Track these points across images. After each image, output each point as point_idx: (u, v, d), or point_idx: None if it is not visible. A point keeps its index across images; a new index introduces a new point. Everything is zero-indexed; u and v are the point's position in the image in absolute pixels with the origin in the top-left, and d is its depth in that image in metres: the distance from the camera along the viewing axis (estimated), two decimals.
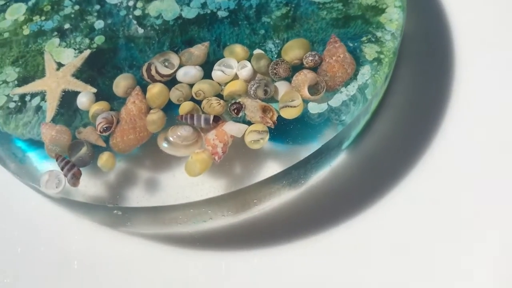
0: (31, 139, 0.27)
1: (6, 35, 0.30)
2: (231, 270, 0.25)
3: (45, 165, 0.26)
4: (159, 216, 0.25)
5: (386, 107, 0.29)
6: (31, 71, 0.29)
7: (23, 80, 0.28)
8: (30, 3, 0.31)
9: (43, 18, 0.30)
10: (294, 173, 0.25)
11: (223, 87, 0.27)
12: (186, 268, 0.25)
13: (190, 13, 0.29)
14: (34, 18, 0.30)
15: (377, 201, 0.26)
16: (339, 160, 0.27)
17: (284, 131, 0.25)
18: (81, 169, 0.25)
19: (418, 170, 0.27)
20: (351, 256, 0.25)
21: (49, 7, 0.31)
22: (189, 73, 0.27)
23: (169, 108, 0.26)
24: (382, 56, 0.27)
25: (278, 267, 0.25)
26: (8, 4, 0.31)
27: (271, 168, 0.25)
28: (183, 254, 0.26)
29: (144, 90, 0.27)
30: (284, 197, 0.27)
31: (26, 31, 0.30)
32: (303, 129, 0.25)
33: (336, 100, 0.26)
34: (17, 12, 0.31)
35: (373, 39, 0.27)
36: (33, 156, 0.27)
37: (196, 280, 0.25)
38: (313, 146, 0.25)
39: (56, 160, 0.25)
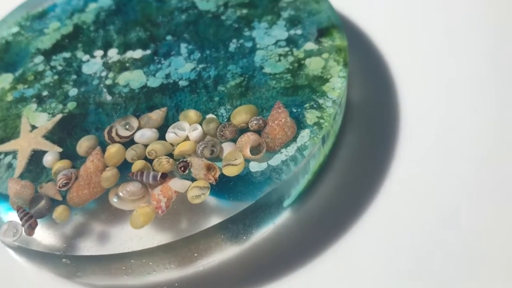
0: (0, 193, 0.29)
1: None
2: None
3: (10, 217, 0.28)
4: (105, 266, 0.27)
5: (330, 171, 0.30)
6: (10, 132, 0.32)
7: (0, 140, 0.31)
8: (17, 74, 0.35)
9: (26, 86, 0.34)
10: (232, 227, 0.27)
11: (175, 147, 0.29)
12: None
13: (154, 82, 0.32)
14: (18, 86, 0.34)
15: (317, 258, 0.27)
16: (283, 218, 0.29)
17: (226, 187, 0.27)
18: (38, 220, 0.27)
19: (359, 229, 0.28)
20: None
21: (32, 76, 0.34)
22: (145, 135, 0.29)
23: (125, 167, 0.29)
24: (322, 120, 0.29)
25: None
26: None
27: (211, 222, 0.26)
28: None
29: (104, 150, 0.29)
30: (227, 252, 0.28)
31: (9, 98, 0.33)
32: (244, 186, 0.27)
33: (275, 160, 0.28)
34: (4, 81, 0.34)
35: (315, 106, 0.30)
36: (1, 207, 0.29)
37: None
38: (250, 201, 0.27)
39: (17, 212, 0.27)
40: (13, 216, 0.28)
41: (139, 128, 0.30)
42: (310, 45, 0.33)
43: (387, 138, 0.31)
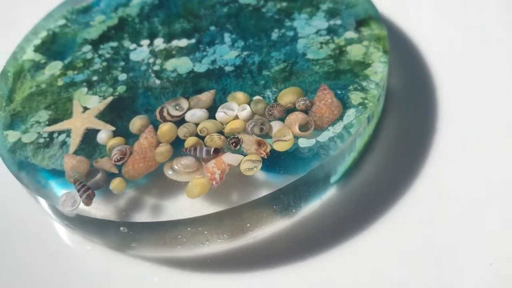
0: (54, 169, 0.30)
1: (43, 86, 0.35)
2: None
3: (63, 191, 0.29)
4: (161, 235, 0.27)
5: (374, 150, 0.31)
6: (61, 114, 0.33)
7: (53, 121, 0.33)
8: (66, 61, 0.36)
9: (75, 72, 0.35)
10: (283, 199, 0.28)
11: (225, 126, 0.30)
12: None
13: (201, 68, 0.34)
14: (67, 72, 0.35)
15: (364, 232, 0.28)
16: (329, 194, 0.30)
17: (277, 162, 0.28)
18: (95, 192, 0.28)
19: (404, 205, 0.29)
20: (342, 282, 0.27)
21: (81, 63, 0.36)
22: (195, 114, 0.31)
23: (177, 144, 0.30)
24: (366, 101, 0.30)
25: None
26: (47, 62, 0.36)
27: (262, 193, 0.27)
28: (183, 278, 0.28)
29: (156, 129, 0.30)
30: (277, 225, 0.29)
31: (60, 83, 0.35)
32: (293, 160, 0.28)
33: (323, 136, 0.29)
34: (54, 68, 0.36)
35: (359, 88, 0.31)
36: (54, 183, 0.30)
37: None
38: (300, 175, 0.28)
39: (74, 184, 0.29)
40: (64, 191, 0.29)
41: (189, 108, 0.31)
42: (350, 34, 0.34)
43: (426, 121, 0.32)
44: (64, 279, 0.29)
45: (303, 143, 0.29)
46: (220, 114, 0.30)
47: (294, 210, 0.29)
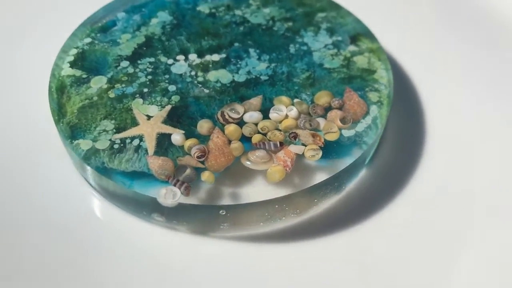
0: (134, 171, 0.35)
1: (94, 98, 0.38)
2: (303, 259, 0.34)
3: (150, 189, 0.34)
4: (253, 213, 0.33)
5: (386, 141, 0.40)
6: (122, 123, 0.37)
7: (118, 129, 0.37)
8: (108, 75, 0.40)
9: (123, 85, 0.39)
10: (340, 178, 0.35)
11: (278, 124, 0.37)
12: (271, 261, 0.34)
13: (240, 78, 0.40)
14: (116, 85, 0.39)
15: (392, 201, 0.37)
16: (363, 172, 0.38)
17: (327, 150, 0.36)
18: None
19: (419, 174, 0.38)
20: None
21: (125, 77, 0.40)
22: (253, 115, 0.37)
23: (243, 141, 0.36)
24: (381, 99, 0.39)
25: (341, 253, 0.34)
26: (90, 77, 0.40)
27: (322, 174, 0.34)
28: (263, 250, 0.34)
29: (221, 130, 0.36)
30: (331, 200, 0.36)
31: (111, 95, 0.39)
32: (339, 147, 0.36)
33: (360, 127, 0.37)
34: (99, 82, 0.39)
35: (373, 89, 0.40)
36: (138, 183, 0.34)
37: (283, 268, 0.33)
38: (348, 159, 0.36)
39: (168, 180, 0.33)
40: (153, 188, 0.34)
41: (244, 111, 0.37)
42: (351, 48, 0.43)
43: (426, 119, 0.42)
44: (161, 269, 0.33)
45: (346, 133, 0.37)
46: (273, 115, 0.37)
47: (344, 187, 0.37)
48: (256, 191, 0.34)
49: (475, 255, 0.34)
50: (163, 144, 0.36)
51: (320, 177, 0.35)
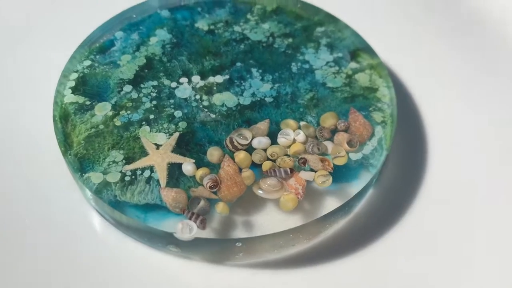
0: (147, 203, 0.35)
1: (100, 127, 0.38)
2: (317, 284, 0.35)
3: (165, 221, 0.34)
4: (268, 243, 0.34)
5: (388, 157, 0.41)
6: (129, 152, 0.37)
7: (128, 160, 0.36)
8: (112, 101, 0.40)
9: (128, 112, 0.39)
10: (351, 203, 0.36)
11: (287, 149, 0.37)
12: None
13: (245, 101, 0.40)
14: (121, 112, 0.39)
15: (400, 218, 0.38)
16: (370, 192, 0.39)
17: (335, 174, 0.36)
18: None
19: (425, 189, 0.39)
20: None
21: (130, 103, 0.39)
22: (261, 141, 0.37)
23: (253, 168, 0.36)
24: (385, 119, 0.40)
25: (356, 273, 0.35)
26: (93, 103, 0.39)
27: (333, 200, 0.35)
28: (280, 276, 0.35)
29: (231, 157, 0.36)
30: (341, 222, 0.37)
31: (117, 123, 0.38)
32: (347, 171, 0.37)
33: (366, 149, 0.38)
34: (104, 109, 0.39)
35: (377, 109, 0.40)
36: (152, 216, 0.34)
37: None
38: (357, 182, 0.36)
39: (183, 213, 0.34)
40: (169, 221, 0.34)
41: (252, 137, 0.38)
42: (353, 64, 0.43)
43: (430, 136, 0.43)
44: None
45: (353, 156, 0.37)
46: (282, 140, 0.37)
47: (353, 210, 0.38)
48: (270, 219, 0.34)
49: (488, 266, 0.35)
50: (174, 174, 0.36)
51: (331, 202, 0.35)
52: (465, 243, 0.37)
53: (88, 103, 0.39)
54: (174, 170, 0.36)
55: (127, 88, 0.40)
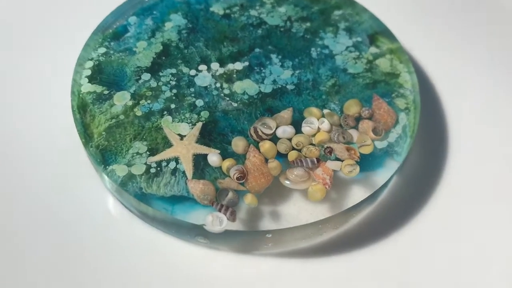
0: (174, 195, 0.34)
1: (121, 117, 0.37)
2: (344, 272, 0.35)
3: (192, 213, 0.34)
4: (298, 235, 0.34)
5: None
6: (153, 143, 0.36)
7: (151, 150, 0.36)
8: (131, 90, 0.39)
9: (148, 101, 0.38)
10: (378, 191, 0.36)
11: (312, 138, 0.37)
12: (315, 276, 0.34)
13: (266, 88, 0.39)
14: (141, 102, 0.38)
15: (424, 207, 0.38)
16: (394, 179, 0.39)
17: (361, 163, 0.36)
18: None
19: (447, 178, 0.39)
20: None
21: (149, 92, 0.39)
22: (286, 130, 0.37)
23: (279, 157, 0.36)
24: (409, 105, 0.39)
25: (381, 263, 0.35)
26: (111, 93, 0.38)
27: (360, 189, 0.35)
28: (309, 264, 0.35)
29: (256, 147, 0.36)
30: (366, 211, 0.37)
31: (138, 113, 0.38)
32: (373, 160, 0.37)
33: (391, 137, 0.37)
34: (123, 98, 0.38)
35: (399, 95, 0.40)
36: (180, 208, 0.34)
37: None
38: (382, 171, 0.36)
39: (212, 205, 0.33)
40: (196, 212, 0.34)
41: (276, 126, 0.37)
42: (373, 49, 0.42)
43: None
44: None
45: (379, 145, 0.37)
46: (306, 129, 0.37)
47: (378, 198, 0.38)
48: (298, 209, 0.34)
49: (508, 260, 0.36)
50: (199, 165, 0.35)
51: (358, 192, 0.35)
52: (487, 231, 0.37)
53: (106, 92, 0.38)
54: (199, 161, 0.35)
55: (145, 76, 0.39)
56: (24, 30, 0.46)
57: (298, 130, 0.37)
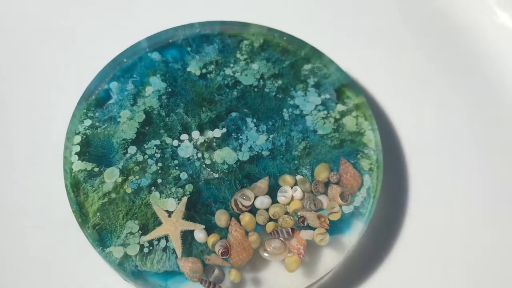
0: (166, 271, 0.39)
1: (112, 196, 0.41)
2: None
3: (184, 285, 0.39)
4: None
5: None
6: (143, 220, 0.40)
7: (143, 228, 0.40)
8: (119, 165, 0.42)
9: (137, 177, 0.42)
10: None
11: (286, 206, 0.41)
12: None
13: (244, 156, 0.43)
14: (129, 177, 0.42)
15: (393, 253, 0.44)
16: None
17: (331, 228, 0.41)
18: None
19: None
20: None
21: (137, 167, 0.42)
22: (263, 201, 0.41)
23: (256, 225, 0.40)
24: (372, 166, 0.44)
25: None
26: (102, 169, 0.42)
27: (331, 252, 0.40)
28: None
29: (236, 220, 0.40)
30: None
31: (128, 190, 0.41)
32: (340, 223, 0.41)
33: (357, 201, 0.42)
34: (112, 175, 0.42)
35: (364, 156, 0.44)
36: (172, 282, 0.39)
37: None
38: (349, 233, 0.41)
39: (201, 283, 0.38)
40: (186, 285, 0.38)
41: (254, 196, 0.41)
42: (340, 107, 0.46)
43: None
44: None
45: (346, 209, 0.42)
46: (281, 198, 0.41)
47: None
48: (276, 279, 0.39)
49: None
50: (187, 239, 0.40)
51: (330, 255, 0.40)
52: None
53: (96, 169, 0.42)
54: (187, 236, 0.40)
55: (132, 149, 0.42)
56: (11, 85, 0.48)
57: (274, 198, 0.41)
